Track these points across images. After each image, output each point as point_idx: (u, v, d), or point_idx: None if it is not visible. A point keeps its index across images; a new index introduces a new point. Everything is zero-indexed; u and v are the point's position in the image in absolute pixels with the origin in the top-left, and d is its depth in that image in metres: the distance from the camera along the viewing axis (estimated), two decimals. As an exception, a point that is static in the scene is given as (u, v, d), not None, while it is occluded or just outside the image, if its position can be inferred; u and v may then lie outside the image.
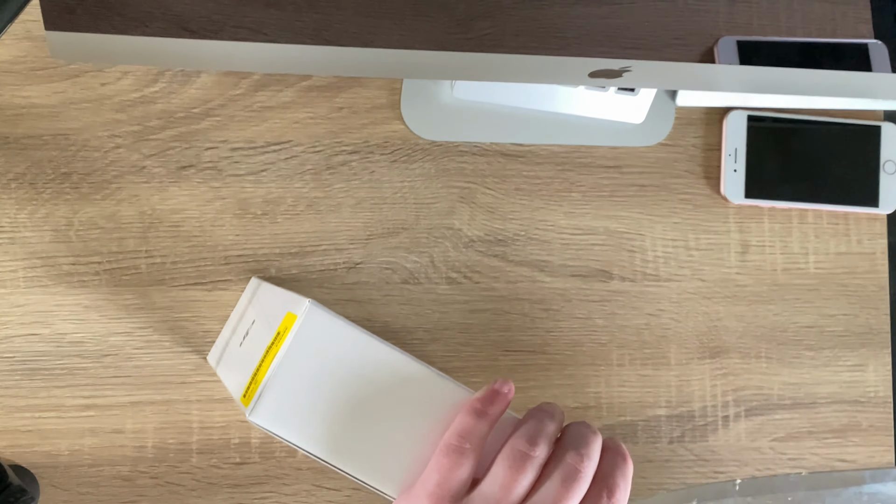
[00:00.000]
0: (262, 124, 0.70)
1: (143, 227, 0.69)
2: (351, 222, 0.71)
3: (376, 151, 0.71)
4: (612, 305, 0.73)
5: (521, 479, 0.53)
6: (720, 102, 0.74)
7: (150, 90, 0.69)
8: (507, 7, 0.54)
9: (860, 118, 0.75)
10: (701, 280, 0.74)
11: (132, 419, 0.69)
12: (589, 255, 0.73)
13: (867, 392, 0.75)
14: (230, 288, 0.70)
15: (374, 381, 0.54)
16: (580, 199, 0.73)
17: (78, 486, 0.68)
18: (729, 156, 0.74)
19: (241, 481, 0.69)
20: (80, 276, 0.68)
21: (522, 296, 0.72)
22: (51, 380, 0.68)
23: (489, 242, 0.72)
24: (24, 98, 0.68)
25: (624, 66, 0.57)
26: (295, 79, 0.71)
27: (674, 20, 0.55)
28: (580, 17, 0.54)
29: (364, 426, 0.53)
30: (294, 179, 0.70)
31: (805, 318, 0.75)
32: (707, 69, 0.57)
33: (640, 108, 0.72)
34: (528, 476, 0.53)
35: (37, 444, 0.68)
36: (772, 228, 0.75)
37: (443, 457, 0.52)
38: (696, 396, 0.74)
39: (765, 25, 0.56)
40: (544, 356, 0.72)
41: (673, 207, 0.74)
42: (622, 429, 0.73)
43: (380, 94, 0.71)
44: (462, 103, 0.71)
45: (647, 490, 0.73)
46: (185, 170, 0.69)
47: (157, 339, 0.69)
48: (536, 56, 0.55)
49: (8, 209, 0.68)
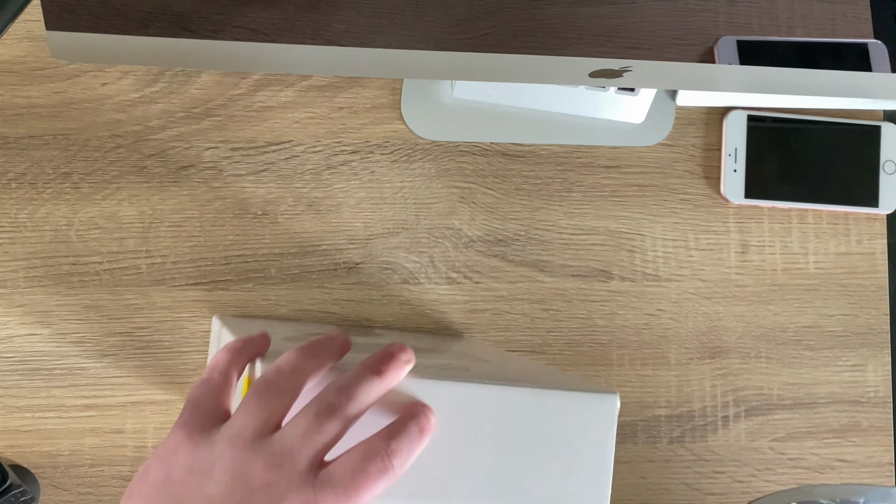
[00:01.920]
0: (262, 124, 0.70)
1: (144, 227, 0.69)
2: (351, 222, 0.71)
3: (376, 151, 0.71)
4: (612, 305, 0.73)
5: (322, 430, 0.46)
6: (720, 102, 0.74)
7: (151, 90, 0.69)
8: (507, 7, 0.54)
9: (860, 118, 0.75)
10: (701, 280, 0.74)
11: (132, 419, 0.69)
12: (589, 255, 0.73)
13: (867, 392, 0.75)
14: (230, 288, 0.70)
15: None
16: (580, 199, 0.73)
17: (78, 486, 0.68)
18: (729, 156, 0.74)
19: (242, 481, 0.69)
20: (81, 276, 0.68)
21: (522, 296, 0.72)
22: (51, 380, 0.68)
23: (489, 242, 0.72)
24: (24, 98, 0.68)
25: (624, 66, 0.57)
26: (295, 79, 0.71)
27: (674, 20, 0.55)
28: (580, 17, 0.54)
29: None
30: (294, 179, 0.70)
31: (805, 318, 0.75)
32: (707, 69, 0.57)
33: (640, 108, 0.72)
34: (328, 428, 0.46)
35: (37, 444, 0.68)
36: (772, 228, 0.75)
37: (251, 395, 0.46)
38: (696, 396, 0.74)
39: (765, 25, 0.56)
40: (544, 356, 0.72)
41: (673, 207, 0.74)
42: (622, 429, 0.73)
43: (380, 94, 0.71)
44: (462, 103, 0.71)
45: (646, 490, 0.73)
46: (186, 170, 0.70)
47: (158, 339, 0.69)
48: (536, 56, 0.55)
49: (8, 209, 0.68)
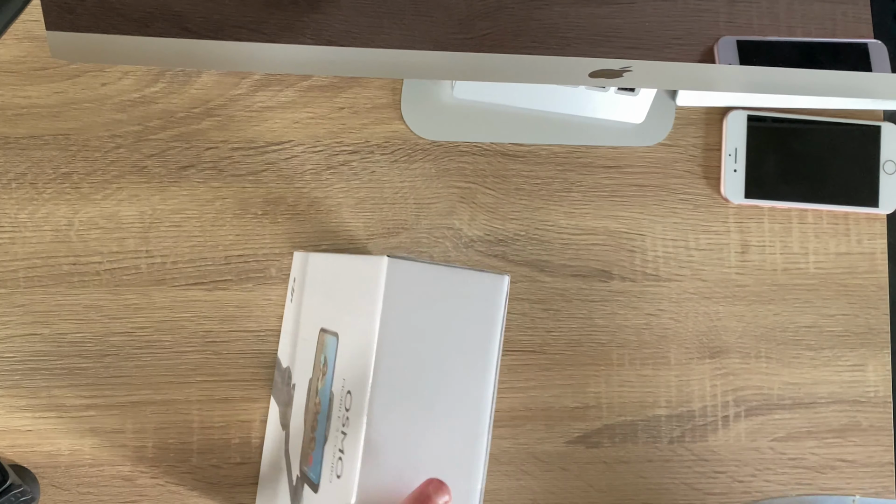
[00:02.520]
0: (262, 124, 0.70)
1: (144, 227, 0.69)
2: (351, 222, 0.71)
3: (377, 151, 0.71)
4: (612, 305, 0.73)
5: None
6: (720, 102, 0.74)
7: (151, 90, 0.69)
8: (507, 7, 0.54)
9: (860, 118, 0.75)
10: (701, 280, 0.74)
11: (132, 419, 0.69)
12: (589, 255, 0.73)
13: (867, 392, 0.75)
14: (230, 288, 0.70)
15: (457, 371, 0.51)
16: (580, 198, 0.73)
17: (78, 486, 0.68)
18: (729, 156, 0.74)
19: (242, 481, 0.69)
20: (81, 276, 0.68)
21: (523, 295, 0.72)
22: (51, 380, 0.68)
23: (489, 242, 0.72)
24: (24, 98, 0.68)
25: (624, 66, 0.57)
26: (295, 79, 0.71)
27: (674, 20, 0.55)
28: (580, 17, 0.54)
29: (413, 378, 0.51)
30: (294, 179, 0.70)
31: (805, 318, 0.75)
32: (707, 69, 0.57)
33: (640, 108, 0.72)
34: None
35: (37, 444, 0.68)
36: (772, 228, 0.75)
37: None
38: (696, 396, 0.74)
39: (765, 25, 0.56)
40: (544, 356, 0.72)
41: (673, 207, 0.74)
42: (622, 429, 0.73)
43: (380, 94, 0.71)
44: (462, 103, 0.71)
45: (646, 490, 0.73)
46: (186, 170, 0.70)
47: (158, 339, 0.69)
48: (537, 56, 0.55)
49: (8, 209, 0.68)
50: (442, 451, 0.52)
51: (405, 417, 0.51)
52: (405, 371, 0.52)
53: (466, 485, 0.52)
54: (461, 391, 0.52)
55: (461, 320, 0.52)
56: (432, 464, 0.52)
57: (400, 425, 0.51)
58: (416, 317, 0.51)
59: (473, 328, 0.52)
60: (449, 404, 0.52)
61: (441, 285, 0.52)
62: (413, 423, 0.52)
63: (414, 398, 0.52)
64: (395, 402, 0.52)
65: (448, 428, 0.52)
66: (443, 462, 0.52)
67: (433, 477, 0.51)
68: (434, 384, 0.52)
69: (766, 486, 0.74)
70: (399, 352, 0.51)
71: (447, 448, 0.52)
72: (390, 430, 0.51)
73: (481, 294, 0.52)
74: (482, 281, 0.52)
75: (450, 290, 0.52)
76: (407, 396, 0.52)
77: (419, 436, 0.52)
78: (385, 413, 0.51)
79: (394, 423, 0.51)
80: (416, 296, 0.51)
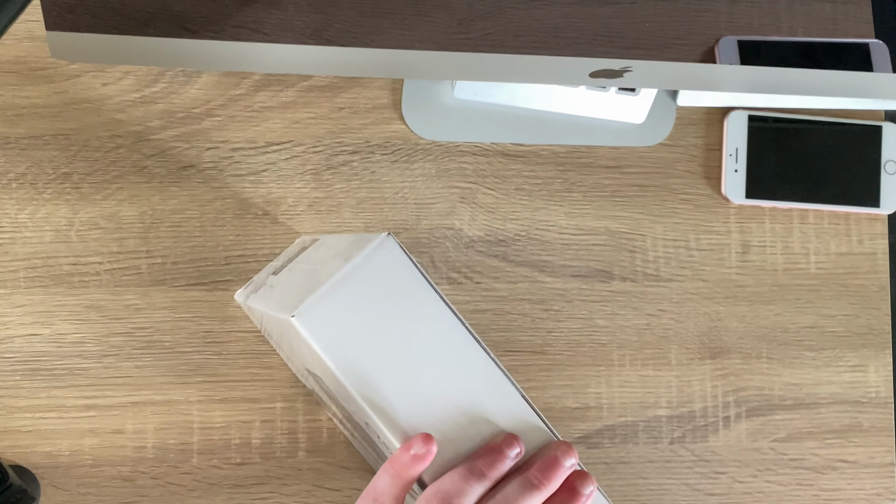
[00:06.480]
0: (262, 124, 0.70)
1: (144, 228, 0.69)
2: (352, 222, 0.71)
3: (377, 151, 0.71)
4: (612, 306, 0.73)
5: (473, 485, 0.52)
6: (721, 102, 0.74)
7: (151, 90, 0.69)
8: (507, 7, 0.54)
9: (861, 118, 0.75)
10: (702, 280, 0.74)
11: (133, 419, 0.69)
12: (590, 256, 0.73)
13: (868, 392, 0.75)
14: (230, 288, 0.69)
15: (420, 333, 0.53)
16: (581, 199, 0.73)
17: (78, 487, 0.68)
18: (730, 156, 0.74)
19: (242, 482, 0.69)
20: (81, 276, 0.68)
21: (523, 296, 0.72)
22: (51, 380, 0.68)
23: (490, 242, 0.72)
24: (24, 98, 0.68)
25: (624, 66, 0.57)
26: (295, 79, 0.71)
27: (674, 20, 0.55)
28: (580, 17, 0.54)
29: (396, 371, 0.53)
30: (295, 179, 0.70)
31: (806, 318, 0.75)
32: (708, 69, 0.57)
33: (640, 108, 0.72)
34: (477, 488, 0.52)
35: (37, 445, 0.68)
36: (773, 229, 0.75)
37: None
38: (697, 397, 0.73)
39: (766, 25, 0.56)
40: (545, 356, 0.72)
41: (674, 208, 0.74)
42: (623, 429, 0.73)
43: (380, 94, 0.71)
44: (462, 103, 0.71)
45: (647, 490, 0.73)
46: (186, 170, 0.69)
47: (158, 339, 0.69)
48: (537, 56, 0.55)
49: (8, 209, 0.68)
50: (468, 399, 0.54)
51: (419, 402, 0.53)
52: (391, 370, 0.53)
53: (505, 402, 0.54)
54: (445, 347, 0.54)
55: (388, 305, 0.53)
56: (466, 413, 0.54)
57: (419, 408, 0.53)
58: (354, 332, 0.53)
59: (404, 302, 0.54)
60: (445, 365, 0.54)
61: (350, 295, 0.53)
62: (428, 401, 0.53)
63: (412, 383, 0.53)
64: (397, 399, 0.53)
65: (459, 381, 0.54)
66: (475, 399, 0.54)
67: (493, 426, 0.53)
68: (417, 360, 0.53)
69: (766, 487, 0.74)
70: (367, 368, 0.53)
71: (471, 395, 0.54)
72: (414, 421, 0.53)
73: (382, 264, 0.54)
74: (374, 256, 0.54)
75: (358, 294, 0.54)
76: (406, 388, 0.53)
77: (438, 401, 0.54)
78: (397, 412, 0.53)
79: (413, 412, 0.53)
80: (341, 322, 0.53)
